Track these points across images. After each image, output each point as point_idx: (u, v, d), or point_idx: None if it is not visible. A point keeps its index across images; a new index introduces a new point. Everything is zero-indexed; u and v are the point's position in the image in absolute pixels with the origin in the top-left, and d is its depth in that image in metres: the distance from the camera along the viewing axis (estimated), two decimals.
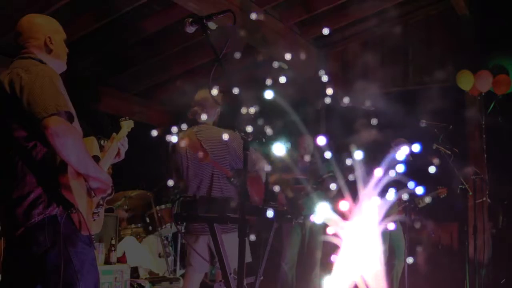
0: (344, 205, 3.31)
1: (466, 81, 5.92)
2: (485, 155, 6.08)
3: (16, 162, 2.25)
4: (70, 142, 2.17)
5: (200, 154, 3.61)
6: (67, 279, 2.21)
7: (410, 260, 4.25)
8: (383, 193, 3.71)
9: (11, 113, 2.24)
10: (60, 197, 2.23)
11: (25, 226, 2.21)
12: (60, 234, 2.21)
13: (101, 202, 2.46)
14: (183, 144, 3.69)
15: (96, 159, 2.48)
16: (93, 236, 2.40)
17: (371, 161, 4.12)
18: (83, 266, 2.27)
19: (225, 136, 3.59)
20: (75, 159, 2.21)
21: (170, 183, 3.74)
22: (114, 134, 2.72)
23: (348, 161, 4.34)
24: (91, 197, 2.37)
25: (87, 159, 2.28)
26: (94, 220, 2.39)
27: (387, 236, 5.15)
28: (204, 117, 3.71)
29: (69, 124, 2.22)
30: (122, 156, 2.73)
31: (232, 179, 3.54)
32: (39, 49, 2.43)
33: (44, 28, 2.47)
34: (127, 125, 2.82)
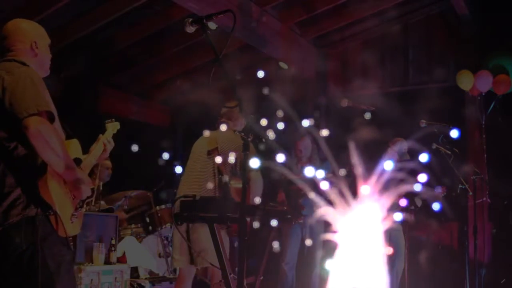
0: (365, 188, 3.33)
1: (466, 81, 5.92)
2: (485, 155, 6.07)
3: None
4: (49, 143, 2.17)
5: (211, 142, 3.74)
6: (42, 281, 2.21)
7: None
8: (384, 191, 3.71)
9: None
10: (39, 198, 2.23)
11: (3, 226, 2.21)
12: (37, 235, 2.21)
13: (81, 204, 2.46)
14: (201, 140, 3.87)
15: (78, 161, 2.48)
16: (70, 238, 2.39)
17: (370, 161, 4.12)
18: (59, 268, 2.27)
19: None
20: (54, 160, 2.21)
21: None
22: (100, 135, 2.74)
23: (348, 161, 4.35)
24: (70, 199, 2.37)
25: (66, 160, 2.28)
26: (72, 222, 2.38)
27: (387, 236, 5.14)
28: (232, 126, 3.86)
29: (49, 124, 2.23)
30: (107, 154, 2.74)
31: (220, 176, 3.59)
32: (24, 52, 2.45)
33: (30, 33, 2.50)
34: (112, 127, 2.84)
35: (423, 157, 4.45)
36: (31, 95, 2.21)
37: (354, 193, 3.60)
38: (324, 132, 5.24)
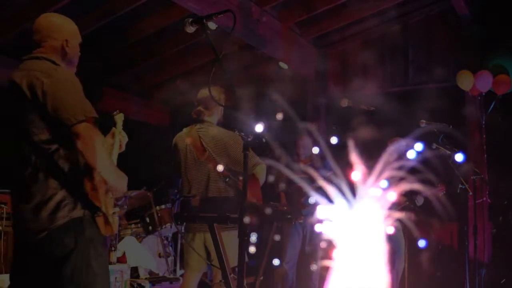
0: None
1: (466, 81, 5.92)
2: (485, 155, 6.07)
3: (37, 167, 2.24)
4: (98, 149, 2.19)
5: (200, 151, 3.60)
6: (86, 282, 2.23)
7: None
8: (384, 190, 3.70)
9: (32, 117, 2.23)
10: (86, 199, 2.24)
11: (49, 229, 2.21)
12: (84, 237, 2.23)
13: (115, 202, 2.48)
14: (184, 141, 3.69)
15: None
16: (112, 237, 2.43)
17: (369, 161, 4.12)
18: (101, 269, 2.30)
19: (226, 137, 3.58)
20: (102, 165, 2.22)
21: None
22: (114, 128, 2.74)
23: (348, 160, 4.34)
24: (111, 198, 2.39)
25: (112, 164, 2.33)
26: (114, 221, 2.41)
27: (388, 235, 5.12)
28: (208, 116, 3.68)
29: (97, 130, 2.24)
30: (123, 148, 2.75)
31: (227, 178, 3.53)
32: (54, 50, 2.41)
33: (64, 29, 2.46)
34: (120, 118, 2.84)
35: (459, 157, 4.50)
36: (76, 100, 2.21)
37: (354, 192, 3.60)
38: (333, 140, 5.21)
